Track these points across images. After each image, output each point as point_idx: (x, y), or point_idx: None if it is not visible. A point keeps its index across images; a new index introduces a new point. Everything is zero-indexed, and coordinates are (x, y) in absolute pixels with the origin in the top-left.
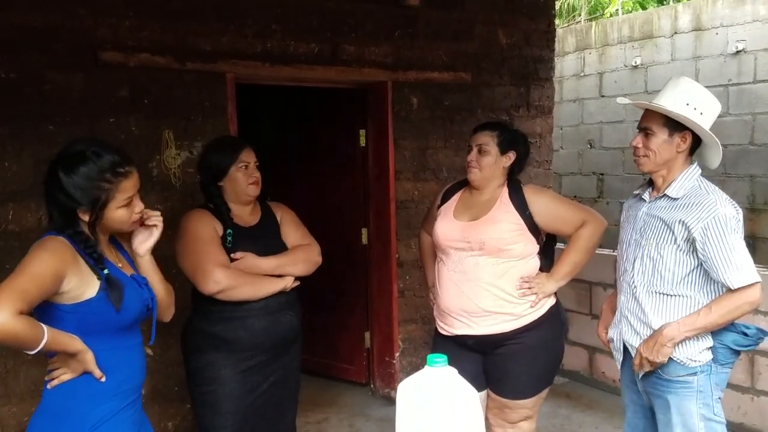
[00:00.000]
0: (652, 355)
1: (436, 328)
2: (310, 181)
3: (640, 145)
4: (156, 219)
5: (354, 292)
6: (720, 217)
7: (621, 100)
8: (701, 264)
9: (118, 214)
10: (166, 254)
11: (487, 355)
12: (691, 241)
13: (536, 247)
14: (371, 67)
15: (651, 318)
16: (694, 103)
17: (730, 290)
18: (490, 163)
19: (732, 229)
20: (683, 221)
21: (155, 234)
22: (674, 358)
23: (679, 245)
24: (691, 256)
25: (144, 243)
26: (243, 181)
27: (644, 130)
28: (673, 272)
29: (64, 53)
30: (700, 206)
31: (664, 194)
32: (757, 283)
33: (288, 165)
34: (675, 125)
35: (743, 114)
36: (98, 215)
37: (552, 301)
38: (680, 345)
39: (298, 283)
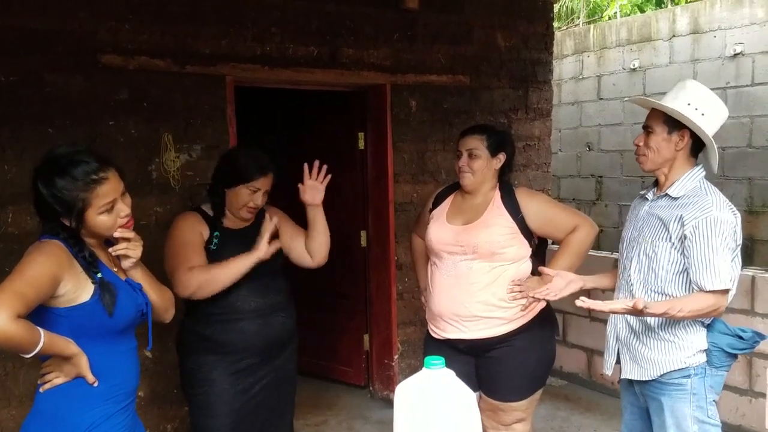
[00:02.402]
0: (608, 306)
1: (427, 331)
2: None
3: (641, 143)
4: (125, 250)
5: (353, 295)
6: (712, 219)
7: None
8: None
9: (100, 220)
10: (163, 257)
11: (478, 358)
12: (683, 239)
13: (529, 251)
14: (370, 70)
15: (647, 317)
16: (696, 103)
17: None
18: (481, 166)
19: (721, 233)
20: (679, 217)
21: (131, 257)
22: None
23: (673, 243)
24: (683, 256)
25: (125, 261)
26: (243, 200)
27: (646, 129)
28: (666, 270)
29: (64, 56)
30: (697, 205)
31: (666, 193)
32: (727, 291)
33: (287, 167)
34: (674, 123)
35: (741, 117)
36: (78, 223)
37: (542, 304)
38: (674, 348)
39: (277, 245)
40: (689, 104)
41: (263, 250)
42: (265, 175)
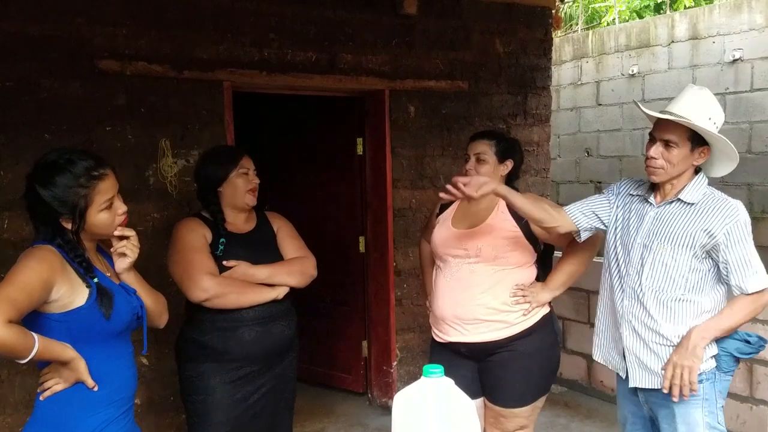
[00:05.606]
0: (687, 360)
1: (432, 335)
2: (308, 189)
3: (658, 156)
4: (124, 248)
5: (351, 301)
6: (742, 222)
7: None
8: (710, 269)
9: (100, 218)
10: (161, 263)
11: (480, 363)
12: (708, 248)
13: (533, 256)
14: (368, 75)
15: (661, 324)
16: (714, 117)
17: (743, 294)
18: (488, 171)
19: (749, 233)
20: (706, 229)
21: (129, 256)
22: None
23: (695, 252)
24: (704, 263)
25: (121, 262)
26: (242, 187)
27: (666, 142)
28: (686, 278)
29: (60, 61)
30: (722, 211)
31: (678, 198)
32: (766, 289)
33: (285, 173)
34: (698, 139)
35: (740, 122)
36: (80, 222)
37: (545, 309)
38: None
39: (287, 290)
40: (710, 119)
41: (281, 294)
42: (244, 154)
